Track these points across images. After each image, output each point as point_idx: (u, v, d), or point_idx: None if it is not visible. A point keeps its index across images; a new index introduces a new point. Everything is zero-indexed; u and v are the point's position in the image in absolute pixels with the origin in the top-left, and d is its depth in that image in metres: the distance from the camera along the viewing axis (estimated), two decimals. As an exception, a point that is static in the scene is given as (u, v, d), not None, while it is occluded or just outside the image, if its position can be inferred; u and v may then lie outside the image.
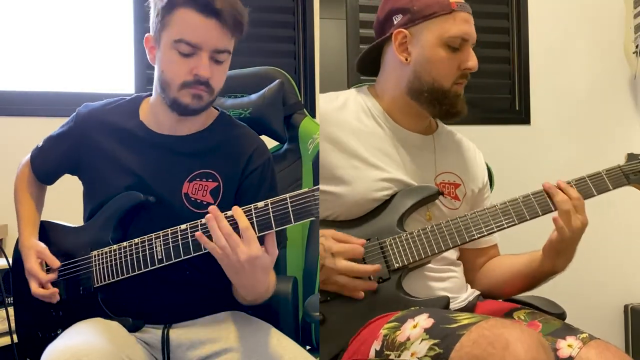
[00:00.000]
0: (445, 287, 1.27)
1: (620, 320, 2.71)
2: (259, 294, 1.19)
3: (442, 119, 1.35)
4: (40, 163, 1.39)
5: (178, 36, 1.18)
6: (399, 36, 1.27)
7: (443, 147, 1.36)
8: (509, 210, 1.23)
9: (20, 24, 2.36)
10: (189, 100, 1.21)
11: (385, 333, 1.09)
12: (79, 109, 1.36)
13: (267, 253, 1.08)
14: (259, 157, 1.30)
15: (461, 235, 1.23)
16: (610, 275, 2.67)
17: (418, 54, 1.26)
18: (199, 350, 1.23)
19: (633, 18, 2.63)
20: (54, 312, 1.29)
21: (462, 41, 1.25)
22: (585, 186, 1.24)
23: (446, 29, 1.24)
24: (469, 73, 1.29)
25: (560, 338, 1.11)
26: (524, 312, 1.25)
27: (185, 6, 1.17)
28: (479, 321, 1.00)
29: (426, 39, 1.25)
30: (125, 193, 1.25)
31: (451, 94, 1.27)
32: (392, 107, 1.32)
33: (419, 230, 1.23)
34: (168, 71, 1.21)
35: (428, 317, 1.06)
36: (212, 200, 1.25)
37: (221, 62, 1.21)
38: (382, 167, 1.26)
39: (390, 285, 1.20)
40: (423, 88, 1.26)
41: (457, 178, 1.35)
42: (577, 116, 2.69)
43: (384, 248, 1.22)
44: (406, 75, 1.28)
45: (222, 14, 1.16)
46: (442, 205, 1.31)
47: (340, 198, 1.24)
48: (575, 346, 1.08)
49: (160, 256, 1.17)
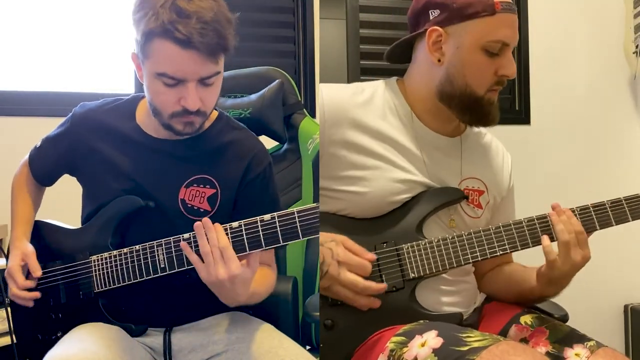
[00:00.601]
0: (458, 302, 1.22)
1: (620, 320, 2.71)
2: (241, 302, 1.16)
3: (473, 125, 1.26)
4: (39, 164, 1.37)
5: (160, 69, 1.11)
6: (433, 34, 1.16)
7: (470, 150, 1.28)
8: (535, 227, 1.16)
9: (21, 24, 2.36)
10: (181, 128, 1.18)
11: (392, 347, 1.05)
12: (75, 109, 1.33)
13: (249, 266, 1.07)
14: (258, 164, 1.27)
15: (483, 251, 1.16)
16: (610, 275, 2.67)
17: (453, 56, 1.16)
18: (200, 353, 1.23)
19: (633, 18, 2.63)
20: (54, 315, 1.28)
21: (503, 46, 1.15)
22: (589, 218, 1.17)
23: (487, 32, 1.14)
24: (506, 80, 1.19)
25: (567, 346, 1.09)
26: (531, 316, 1.22)
27: (161, 37, 1.09)
28: (490, 345, 0.96)
29: (463, 41, 1.15)
30: (125, 197, 1.23)
31: (484, 101, 1.18)
32: (419, 107, 1.23)
33: (439, 240, 1.16)
34: (156, 101, 1.17)
35: (437, 336, 1.02)
36: (209, 207, 1.23)
37: (211, 84, 1.16)
38: (405, 168, 1.19)
39: (403, 296, 1.15)
40: (455, 93, 1.17)
41: (482, 185, 1.27)
42: (577, 116, 2.69)
43: (400, 255, 1.16)
44: (438, 76, 1.19)
45: (201, 45, 1.08)
46: (465, 213, 1.24)
47: (357, 197, 1.17)
48: (582, 355, 1.06)
49: (163, 265, 1.15)
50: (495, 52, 1.15)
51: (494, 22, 1.13)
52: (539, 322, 1.20)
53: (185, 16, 1.07)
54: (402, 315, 1.13)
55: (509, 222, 1.17)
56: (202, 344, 1.23)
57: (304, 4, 2.59)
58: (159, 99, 1.16)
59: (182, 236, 1.13)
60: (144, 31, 1.10)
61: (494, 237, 1.16)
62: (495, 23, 1.14)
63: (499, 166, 1.33)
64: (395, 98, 1.24)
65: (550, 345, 1.13)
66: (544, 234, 1.15)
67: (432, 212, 1.19)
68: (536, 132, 2.65)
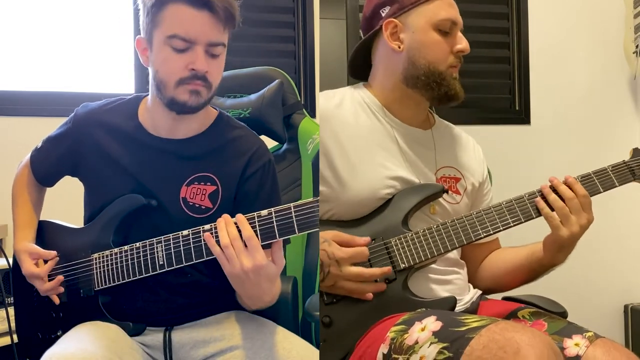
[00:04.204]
0: (450, 289, 1.26)
1: (620, 320, 2.71)
2: (264, 302, 1.18)
3: (441, 103, 1.32)
4: (40, 165, 1.38)
5: (171, 32, 1.15)
6: (389, 26, 1.27)
7: (442, 141, 1.35)
8: (514, 208, 1.22)
9: (21, 24, 2.36)
10: (186, 98, 1.18)
11: (392, 336, 1.08)
12: (77, 109, 1.34)
13: (274, 263, 1.08)
14: (258, 159, 1.28)
15: (467, 235, 1.22)
16: (610, 275, 2.67)
17: (410, 40, 1.26)
18: (203, 349, 1.23)
19: (633, 18, 2.62)
20: (54, 313, 1.28)
21: (452, 24, 1.26)
22: (591, 183, 1.23)
23: (435, 13, 1.25)
24: (461, 56, 1.29)
25: (566, 337, 1.11)
26: (528, 311, 1.25)
27: (175, 1, 1.15)
28: (488, 324, 0.99)
29: (417, 24, 1.25)
30: (127, 196, 1.24)
31: (447, 75, 1.26)
32: (389, 100, 1.31)
33: (424, 230, 1.22)
34: (163, 69, 1.19)
35: (436, 320, 1.05)
36: (210, 204, 1.24)
37: (217, 56, 1.19)
38: (384, 164, 1.25)
39: (396, 286, 1.19)
40: (419, 72, 1.26)
41: (457, 172, 1.35)
42: (577, 116, 2.69)
43: (389, 248, 1.20)
44: (400, 62, 1.28)
45: (214, 6, 1.14)
46: (444, 200, 1.30)
47: (342, 197, 1.23)
48: (582, 345, 1.08)
49: (162, 262, 1.16)
50: (446, 30, 1.26)
51: (438, 4, 1.26)
52: (537, 316, 1.22)
53: None
54: (397, 305, 1.17)
55: (489, 206, 1.24)
56: (205, 340, 1.24)
57: (304, 4, 2.59)
58: (166, 66, 1.18)
59: (181, 233, 1.14)
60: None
61: (476, 221, 1.23)
62: (440, 4, 1.26)
63: (472, 153, 1.41)
64: (365, 97, 1.33)
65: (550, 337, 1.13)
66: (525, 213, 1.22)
67: (415, 206, 1.24)
68: (536, 132, 2.65)
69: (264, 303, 1.18)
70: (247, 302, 1.19)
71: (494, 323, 0.99)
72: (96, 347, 1.10)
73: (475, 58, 2.19)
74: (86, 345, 1.10)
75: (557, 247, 1.22)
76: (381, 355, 1.08)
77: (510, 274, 1.35)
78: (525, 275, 1.33)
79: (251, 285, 1.08)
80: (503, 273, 1.36)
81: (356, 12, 2.55)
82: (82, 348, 1.08)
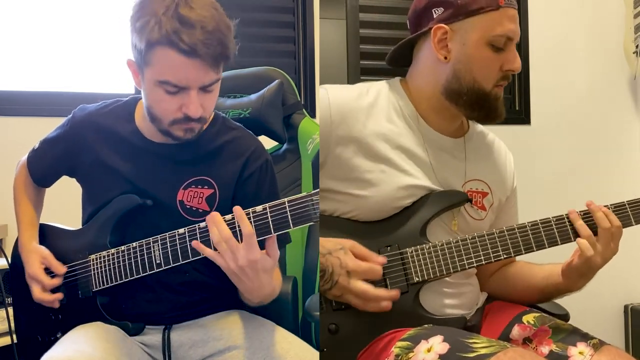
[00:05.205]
0: (461, 303, 1.22)
1: (620, 320, 2.71)
2: (265, 295, 1.17)
3: (480, 122, 1.27)
4: (37, 166, 1.37)
5: (162, 77, 1.11)
6: (438, 32, 1.16)
7: (474, 152, 1.28)
8: (539, 232, 1.17)
9: (21, 24, 2.36)
10: (181, 134, 1.18)
11: (397, 352, 1.05)
12: (75, 111, 1.33)
13: (269, 256, 1.07)
14: (255, 160, 1.27)
15: (487, 255, 1.16)
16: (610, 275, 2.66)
17: (459, 53, 1.16)
18: (202, 349, 1.23)
19: (633, 18, 2.62)
20: (53, 315, 1.28)
21: (507, 40, 1.16)
22: (625, 214, 1.18)
23: (492, 27, 1.14)
24: (510, 75, 1.20)
25: (571, 345, 1.09)
26: (533, 315, 1.22)
27: (165, 46, 1.08)
28: (497, 351, 0.96)
29: (469, 37, 1.15)
30: (123, 196, 1.24)
31: (492, 96, 1.18)
32: (424, 107, 1.23)
33: (443, 244, 1.16)
34: (156, 108, 1.17)
35: (443, 341, 1.01)
36: (207, 207, 1.24)
37: (211, 91, 1.16)
38: (410, 172, 1.18)
39: (407, 300, 1.14)
40: (462, 90, 1.17)
41: (486, 186, 1.27)
42: (577, 116, 2.69)
43: (404, 258, 1.15)
44: (444, 74, 1.18)
45: (205, 55, 1.08)
46: (468, 214, 1.23)
47: (363, 200, 1.17)
48: (586, 353, 1.07)
49: (159, 260, 1.16)
50: (500, 46, 1.16)
51: (498, 16, 1.14)
52: (542, 321, 1.20)
53: (189, 26, 1.07)
54: (406, 319, 1.13)
55: (513, 226, 1.18)
56: (203, 339, 1.24)
57: (304, 4, 2.59)
58: (159, 106, 1.16)
59: (178, 231, 1.14)
60: (147, 40, 1.09)
61: (498, 241, 1.17)
62: (499, 18, 1.14)
63: (503, 166, 1.33)
64: (400, 99, 1.24)
65: (554, 344, 1.13)
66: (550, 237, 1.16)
67: (435, 215, 1.18)
68: (536, 132, 2.65)
69: (264, 296, 1.17)
70: (247, 297, 1.18)
71: (503, 351, 0.96)
72: (93, 349, 1.09)
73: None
74: (83, 347, 1.10)
75: (579, 275, 1.18)
76: None
77: (521, 292, 1.30)
78: (537, 296, 1.29)
79: (249, 279, 1.08)
80: (513, 289, 1.32)
81: (356, 12, 2.55)
82: (79, 350, 1.08)
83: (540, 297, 1.29)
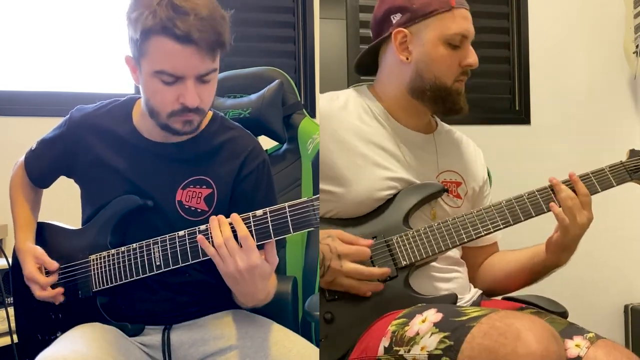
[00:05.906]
0: (451, 288, 1.27)
1: (620, 320, 2.71)
2: (259, 300, 1.18)
3: (445, 115, 1.35)
4: (34, 166, 1.37)
5: (158, 67, 1.12)
6: (398, 36, 1.26)
7: (444, 145, 1.36)
8: (514, 207, 1.23)
9: (20, 24, 2.36)
10: (179, 127, 1.18)
11: (393, 329, 1.09)
12: (72, 111, 1.33)
13: (267, 262, 1.08)
14: (252, 160, 1.28)
15: (468, 232, 1.23)
16: (610, 275, 2.67)
17: (419, 53, 1.26)
18: (202, 348, 1.23)
19: (633, 18, 2.62)
20: (53, 315, 1.28)
21: (462, 38, 1.26)
22: (590, 183, 1.25)
23: (447, 27, 1.24)
24: (469, 70, 1.29)
25: (567, 338, 1.10)
26: (529, 311, 1.25)
27: (160, 34, 1.09)
28: (488, 313, 1.00)
29: (427, 37, 1.25)
30: (123, 197, 1.24)
31: (453, 91, 1.28)
32: (393, 107, 1.32)
33: (425, 228, 1.23)
34: (154, 100, 1.17)
35: (436, 312, 1.06)
36: (206, 207, 1.24)
37: (208, 82, 1.16)
38: (386, 166, 1.26)
39: (397, 284, 1.20)
40: (425, 86, 1.27)
41: (459, 176, 1.35)
42: (577, 116, 2.69)
43: (390, 246, 1.21)
44: (407, 74, 1.28)
45: (198, 41, 1.09)
46: (445, 203, 1.31)
47: (343, 197, 1.24)
48: (583, 346, 1.08)
49: (159, 262, 1.16)
50: (456, 44, 1.25)
51: (451, 17, 1.25)
52: (538, 316, 1.21)
53: (182, 13, 1.08)
54: (399, 302, 1.17)
55: (489, 205, 1.25)
56: (203, 339, 1.24)
57: (304, 4, 2.59)
58: (156, 98, 1.16)
59: (177, 234, 1.14)
60: (142, 29, 1.10)
61: (477, 219, 1.24)
62: (453, 18, 1.25)
63: (472, 158, 1.41)
64: (368, 100, 1.33)
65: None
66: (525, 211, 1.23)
67: (416, 205, 1.25)
68: (536, 132, 2.65)
69: (258, 301, 1.18)
70: (241, 300, 1.19)
71: (495, 312, 1.00)
72: (89, 349, 1.10)
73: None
74: (79, 347, 1.10)
75: (561, 248, 1.23)
76: (382, 348, 1.09)
77: (511, 277, 1.36)
78: (526, 278, 1.34)
79: (245, 284, 1.08)
80: (504, 275, 1.37)
81: (356, 12, 2.55)
82: (75, 350, 1.08)
83: (531, 277, 1.34)
